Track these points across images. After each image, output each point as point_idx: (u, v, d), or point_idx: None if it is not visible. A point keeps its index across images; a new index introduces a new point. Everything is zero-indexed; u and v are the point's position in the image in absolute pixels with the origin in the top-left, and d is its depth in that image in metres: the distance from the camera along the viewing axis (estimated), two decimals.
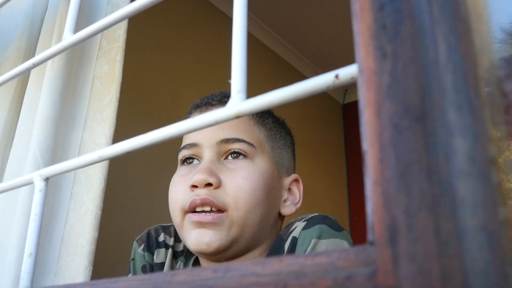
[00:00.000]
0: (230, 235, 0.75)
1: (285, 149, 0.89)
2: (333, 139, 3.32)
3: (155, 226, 0.93)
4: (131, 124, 1.84)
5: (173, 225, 0.91)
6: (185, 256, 0.89)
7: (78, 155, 0.94)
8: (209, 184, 0.76)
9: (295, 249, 0.74)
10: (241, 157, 0.80)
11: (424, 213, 0.17)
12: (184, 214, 0.78)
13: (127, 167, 1.84)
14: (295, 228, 0.77)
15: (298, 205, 0.85)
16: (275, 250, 0.78)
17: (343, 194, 3.25)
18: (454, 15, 0.19)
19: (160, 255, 0.89)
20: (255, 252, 0.81)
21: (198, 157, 0.82)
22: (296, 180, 0.87)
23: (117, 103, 0.96)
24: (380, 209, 0.18)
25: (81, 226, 0.91)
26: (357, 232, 3.06)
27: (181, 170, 0.83)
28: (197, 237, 0.75)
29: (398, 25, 0.19)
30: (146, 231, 0.92)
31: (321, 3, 2.58)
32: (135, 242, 0.91)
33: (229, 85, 0.33)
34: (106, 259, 1.59)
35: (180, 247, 0.90)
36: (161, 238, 0.90)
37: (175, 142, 0.69)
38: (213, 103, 0.86)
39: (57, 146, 0.94)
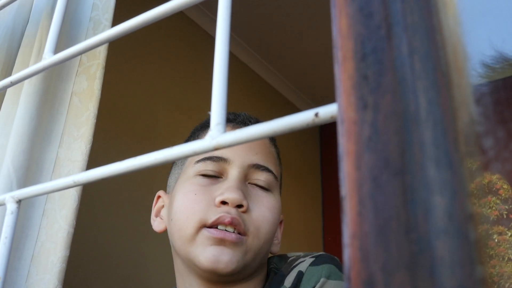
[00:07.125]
0: (245, 259, 0.74)
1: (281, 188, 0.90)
2: (309, 159, 3.33)
3: None
4: (108, 142, 1.82)
5: None
6: None
7: (53, 172, 0.93)
8: (240, 206, 0.75)
9: (300, 283, 0.74)
10: (266, 187, 0.80)
11: (402, 271, 0.17)
12: (200, 227, 0.74)
13: (101, 186, 1.82)
14: (300, 262, 0.77)
15: (279, 245, 0.86)
16: (274, 286, 0.78)
17: (317, 214, 3.26)
18: (435, 68, 0.19)
19: None
20: (251, 283, 0.79)
21: (221, 173, 0.80)
22: (281, 221, 0.88)
23: (95, 120, 0.95)
24: (358, 264, 0.18)
25: (52, 244, 0.89)
26: (330, 252, 3.06)
27: (199, 179, 0.80)
28: (216, 254, 0.72)
29: (380, 77, 0.19)
30: None
31: (307, 27, 2.60)
32: None
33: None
34: (77, 278, 1.56)
35: None
36: None
37: None
38: (249, 123, 0.85)
39: (32, 162, 0.92)
